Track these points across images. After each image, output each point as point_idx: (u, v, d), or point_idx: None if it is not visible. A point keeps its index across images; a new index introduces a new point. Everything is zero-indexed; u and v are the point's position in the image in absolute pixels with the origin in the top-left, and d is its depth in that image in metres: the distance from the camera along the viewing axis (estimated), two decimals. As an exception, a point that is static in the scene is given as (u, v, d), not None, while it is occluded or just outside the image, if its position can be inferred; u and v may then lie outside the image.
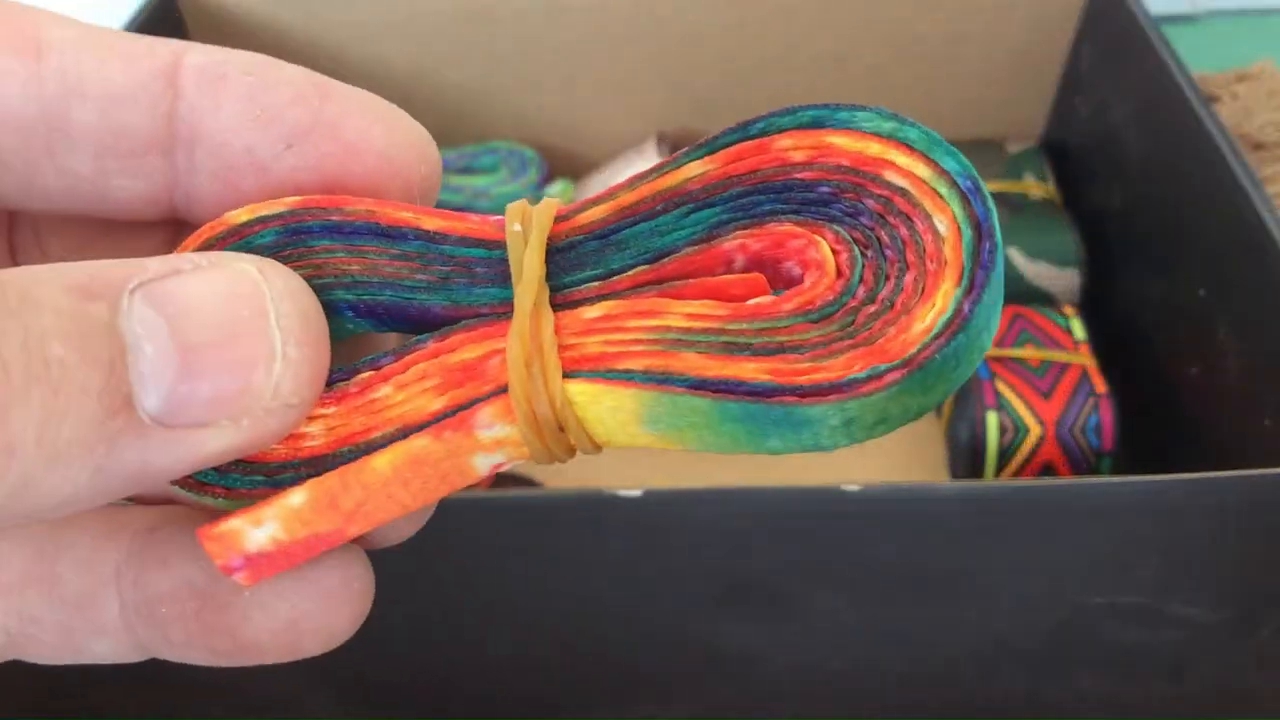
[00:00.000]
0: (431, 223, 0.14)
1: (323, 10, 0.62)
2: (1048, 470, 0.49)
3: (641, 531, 0.34)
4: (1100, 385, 0.50)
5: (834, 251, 0.13)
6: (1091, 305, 0.56)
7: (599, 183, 0.63)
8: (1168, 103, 0.50)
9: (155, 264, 0.12)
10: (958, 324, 0.12)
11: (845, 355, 0.13)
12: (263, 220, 0.14)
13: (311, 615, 0.13)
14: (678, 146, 0.64)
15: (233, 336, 0.12)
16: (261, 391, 0.12)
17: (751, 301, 0.13)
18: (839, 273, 0.13)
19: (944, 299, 0.13)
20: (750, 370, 0.13)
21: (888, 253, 0.13)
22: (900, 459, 0.55)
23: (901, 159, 0.13)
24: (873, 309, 0.13)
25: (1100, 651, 0.37)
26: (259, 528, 0.13)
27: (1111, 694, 0.39)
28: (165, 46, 0.14)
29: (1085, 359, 0.51)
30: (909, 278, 0.13)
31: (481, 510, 0.34)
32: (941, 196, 0.13)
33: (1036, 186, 0.60)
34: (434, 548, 0.35)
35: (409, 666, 0.39)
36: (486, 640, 0.38)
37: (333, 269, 0.14)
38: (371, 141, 0.14)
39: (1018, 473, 0.49)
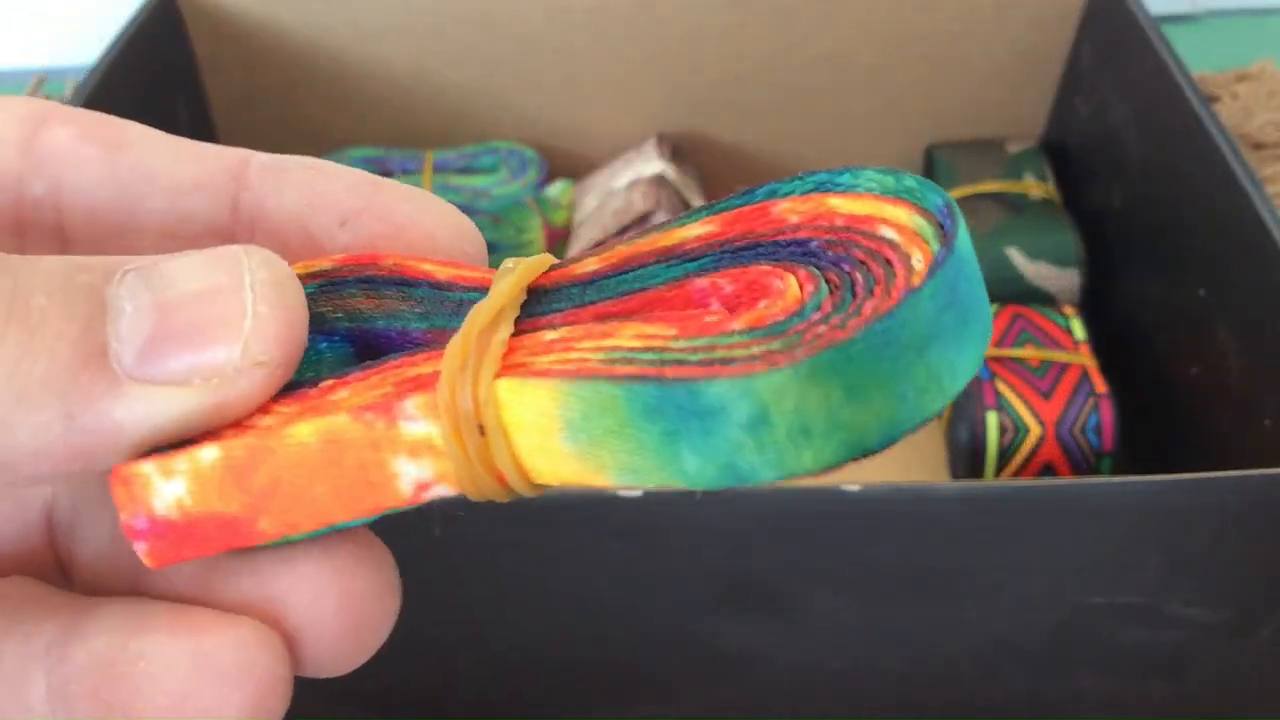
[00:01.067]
0: (445, 273, 0.15)
1: (323, 10, 0.62)
2: (1048, 470, 0.49)
3: (641, 531, 0.34)
4: (1100, 385, 0.50)
5: (801, 285, 0.13)
6: (1091, 305, 0.56)
7: (599, 183, 0.63)
8: (1168, 103, 0.50)
9: (152, 255, 0.13)
10: (886, 308, 0.11)
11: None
12: (311, 275, 0.15)
13: (201, 693, 0.13)
14: (678, 146, 0.64)
15: (207, 295, 0.13)
16: (231, 349, 0.12)
17: (704, 320, 0.13)
18: (799, 299, 0.12)
19: (887, 300, 0.12)
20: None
21: (857, 289, 0.12)
22: (900, 459, 0.55)
23: (894, 211, 0.13)
24: (822, 328, 0.12)
25: (1100, 651, 0.37)
26: (168, 481, 0.13)
27: (1111, 694, 0.39)
28: (234, 151, 0.16)
29: (1085, 359, 0.51)
30: (869, 304, 0.12)
31: (481, 510, 0.34)
32: (923, 236, 0.12)
33: (1036, 186, 0.60)
34: (434, 547, 0.35)
35: (408, 667, 0.39)
36: (486, 640, 0.38)
37: (345, 307, 0.15)
38: (419, 222, 0.15)
39: (1018, 473, 0.49)
